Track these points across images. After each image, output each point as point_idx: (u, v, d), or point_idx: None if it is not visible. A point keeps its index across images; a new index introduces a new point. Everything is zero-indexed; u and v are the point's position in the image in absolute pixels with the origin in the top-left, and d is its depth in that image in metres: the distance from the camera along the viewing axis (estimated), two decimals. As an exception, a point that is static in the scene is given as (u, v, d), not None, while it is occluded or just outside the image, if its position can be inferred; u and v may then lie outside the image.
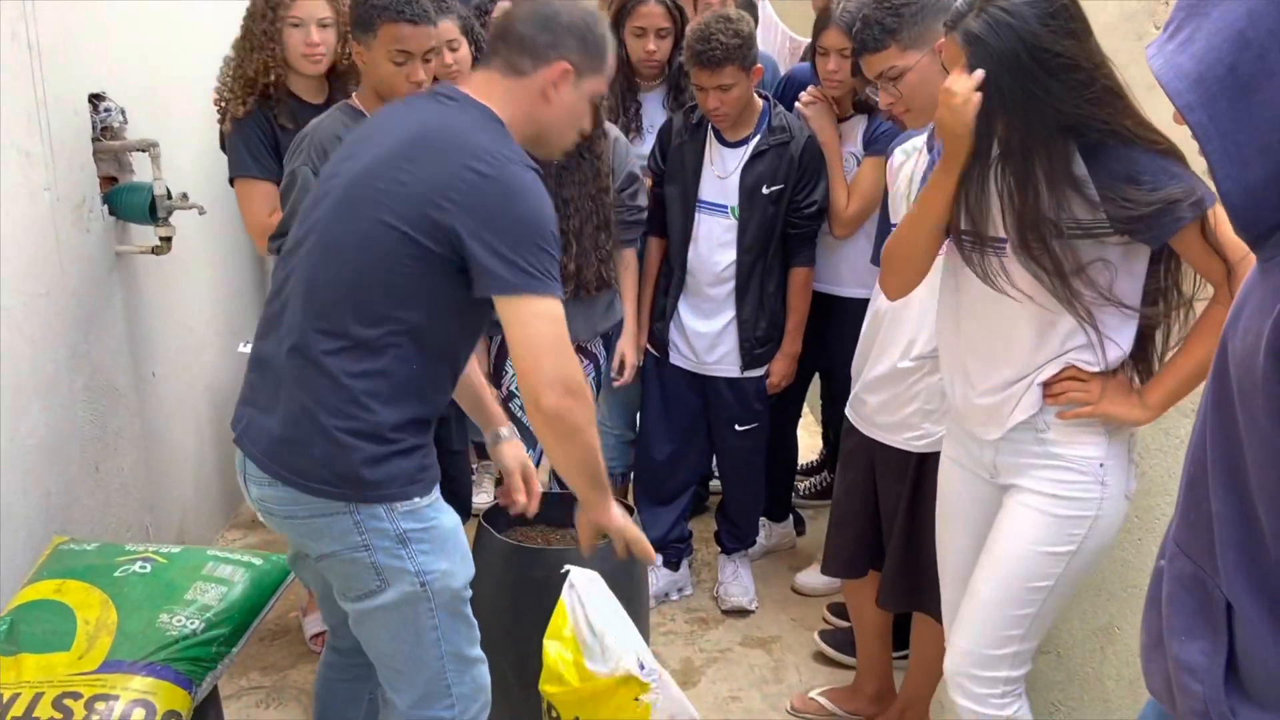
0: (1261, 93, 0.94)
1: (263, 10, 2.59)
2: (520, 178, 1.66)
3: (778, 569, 3.45)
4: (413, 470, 1.74)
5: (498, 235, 1.62)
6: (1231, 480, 1.06)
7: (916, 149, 2.26)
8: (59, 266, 2.51)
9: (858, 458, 2.46)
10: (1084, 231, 1.69)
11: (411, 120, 1.75)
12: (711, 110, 2.80)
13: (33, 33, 2.41)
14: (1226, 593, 1.07)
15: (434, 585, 1.76)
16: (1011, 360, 1.83)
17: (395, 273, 1.66)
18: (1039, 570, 1.84)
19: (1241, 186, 0.97)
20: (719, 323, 2.97)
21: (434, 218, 1.63)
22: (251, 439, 1.75)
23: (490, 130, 1.71)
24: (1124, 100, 1.67)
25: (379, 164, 1.69)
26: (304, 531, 1.75)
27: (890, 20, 2.05)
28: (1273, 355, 0.95)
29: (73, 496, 2.57)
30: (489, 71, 1.78)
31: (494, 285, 1.64)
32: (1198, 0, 0.99)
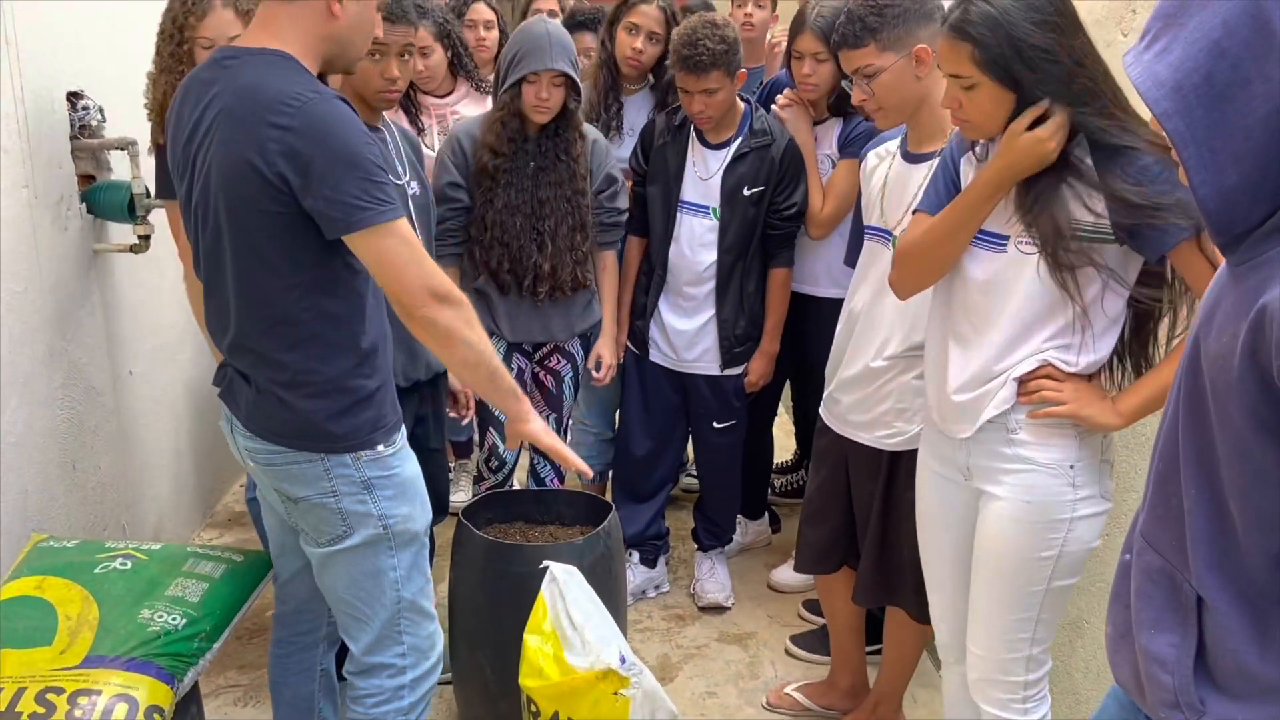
0: (1236, 101, 0.98)
1: (170, 31, 2.44)
2: (319, 115, 1.64)
3: (753, 566, 3.49)
4: (374, 419, 1.84)
5: (319, 181, 1.63)
6: (1204, 477, 1.09)
7: (890, 153, 2.29)
8: (37, 264, 2.51)
9: (830, 456, 2.49)
10: (1086, 233, 1.72)
11: (214, 100, 1.72)
12: (696, 114, 2.83)
13: (10, 30, 2.41)
14: (1196, 586, 1.10)
15: (395, 528, 1.88)
16: (990, 354, 1.86)
17: (267, 247, 1.71)
18: (1027, 575, 1.86)
19: (1216, 191, 1.01)
20: (699, 321, 3.01)
21: (268, 182, 1.65)
22: (234, 396, 1.87)
23: (277, 72, 1.68)
24: (1104, 100, 1.70)
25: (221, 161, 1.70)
26: (281, 476, 1.85)
27: (872, 19, 2.09)
28: (1248, 356, 0.98)
29: (50, 495, 2.57)
30: (267, 3, 1.74)
31: (333, 228, 1.67)
32: (1174, 11, 1.02)
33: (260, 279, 1.74)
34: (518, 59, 2.69)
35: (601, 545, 2.49)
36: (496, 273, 2.80)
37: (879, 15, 2.08)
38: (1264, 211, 1.00)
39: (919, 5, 2.09)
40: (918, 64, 2.09)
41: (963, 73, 1.74)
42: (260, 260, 1.72)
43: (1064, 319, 1.79)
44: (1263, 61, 0.96)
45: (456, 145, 2.80)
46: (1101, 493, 1.87)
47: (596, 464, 3.56)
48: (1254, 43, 0.96)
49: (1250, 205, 1.00)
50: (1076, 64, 1.69)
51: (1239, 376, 0.99)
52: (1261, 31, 0.96)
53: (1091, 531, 1.87)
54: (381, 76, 2.29)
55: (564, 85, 2.71)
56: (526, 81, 2.68)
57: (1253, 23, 0.96)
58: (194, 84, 1.78)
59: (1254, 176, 0.99)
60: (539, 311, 2.88)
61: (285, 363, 1.77)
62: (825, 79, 2.84)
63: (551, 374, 3.02)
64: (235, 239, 1.73)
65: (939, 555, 2.09)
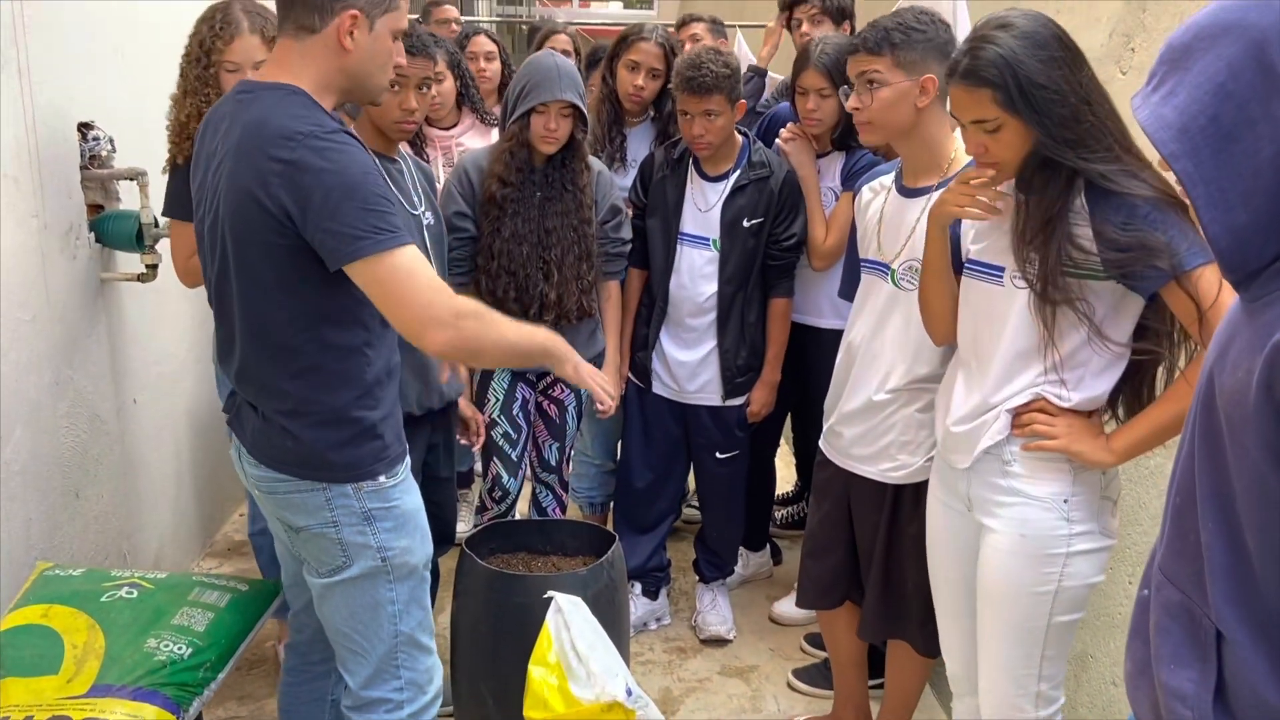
0: (1243, 142, 1.00)
1: (197, 55, 2.50)
2: (319, 149, 1.65)
3: (755, 598, 3.48)
4: (376, 450, 1.85)
5: (317, 213, 1.65)
6: (1221, 511, 1.09)
7: (885, 186, 2.32)
8: (45, 293, 2.52)
9: (832, 489, 2.48)
10: (1077, 270, 1.75)
11: (227, 133, 1.75)
12: (695, 137, 2.86)
13: (24, 60, 2.44)
14: (1216, 621, 1.09)
15: (394, 560, 1.88)
16: (988, 385, 1.88)
17: (270, 278, 1.73)
18: (1026, 611, 1.87)
19: (1227, 230, 1.03)
20: (700, 352, 3.02)
21: (270, 214, 1.67)
22: (241, 424, 1.89)
23: (284, 107, 1.70)
24: (1110, 140, 1.72)
25: (228, 192, 1.72)
26: (283, 505, 1.86)
27: (897, 34, 2.12)
28: (1264, 390, 0.99)
29: (53, 523, 2.56)
30: (283, 39, 1.77)
31: (333, 259, 1.67)
32: (1179, 54, 1.04)
33: (263, 309, 1.76)
34: (527, 90, 2.73)
35: (605, 576, 2.49)
36: (502, 301, 2.82)
37: (904, 33, 2.12)
38: (1276, 249, 1.02)
39: (942, 43, 2.13)
40: (921, 92, 2.12)
41: (986, 116, 1.76)
42: (264, 291, 1.74)
43: (1055, 354, 1.81)
44: (1267, 103, 0.98)
45: (464, 176, 2.83)
46: (1101, 529, 1.87)
47: (598, 495, 3.56)
48: (1258, 85, 0.99)
49: (1263, 243, 1.02)
50: (1084, 101, 1.71)
51: (1254, 411, 1.00)
52: (1266, 74, 0.98)
53: (1091, 567, 1.86)
54: (400, 108, 2.33)
55: (571, 116, 2.75)
56: (535, 112, 2.72)
57: (1256, 65, 0.98)
58: (214, 116, 1.82)
59: (1264, 215, 1.01)
60: (543, 340, 2.90)
61: (288, 392, 1.79)
62: (829, 114, 2.87)
63: (555, 403, 3.03)
64: (240, 269, 1.75)
65: (948, 585, 2.09)
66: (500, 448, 2.94)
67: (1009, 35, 1.73)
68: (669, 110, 3.22)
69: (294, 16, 1.74)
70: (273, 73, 1.77)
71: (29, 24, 2.44)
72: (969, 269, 1.97)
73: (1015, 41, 1.72)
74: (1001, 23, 1.76)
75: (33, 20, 2.45)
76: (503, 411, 2.93)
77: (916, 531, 2.26)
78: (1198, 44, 1.03)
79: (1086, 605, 1.92)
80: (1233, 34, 1.00)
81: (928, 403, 2.23)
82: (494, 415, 2.92)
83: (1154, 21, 2.40)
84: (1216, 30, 1.01)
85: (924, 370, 2.23)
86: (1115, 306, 1.79)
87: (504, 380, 2.94)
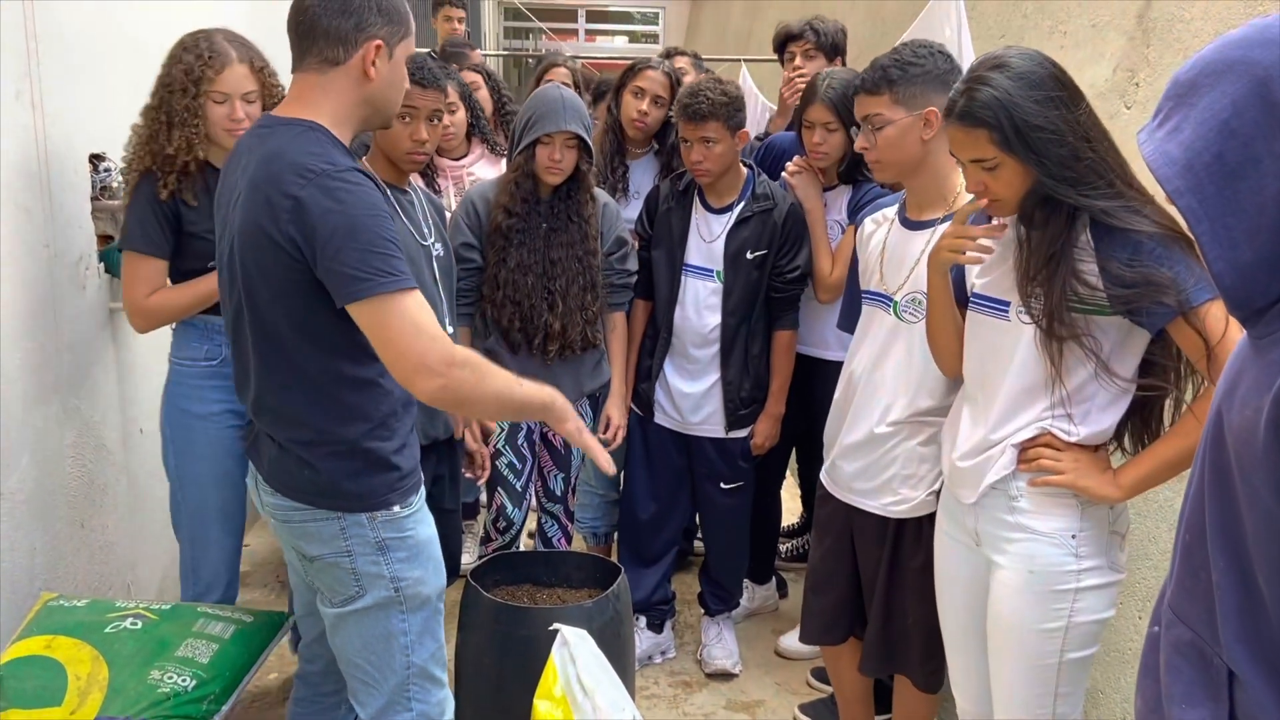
0: (1248, 179, 1.00)
1: (183, 85, 2.40)
2: (328, 187, 1.67)
3: (760, 632, 3.46)
4: (391, 480, 1.86)
5: (322, 251, 1.66)
6: (1231, 549, 1.08)
7: (888, 219, 2.33)
8: (54, 322, 2.53)
9: (834, 524, 2.46)
10: (1083, 305, 1.75)
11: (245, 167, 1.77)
12: (694, 164, 2.88)
13: (37, 94, 2.46)
14: (1227, 660, 1.08)
15: (407, 591, 1.89)
16: (993, 419, 1.88)
17: (285, 310, 1.74)
18: (1039, 649, 1.85)
19: (1232, 267, 1.03)
20: (704, 384, 3.02)
21: (282, 249, 1.69)
22: (259, 454, 1.90)
23: (299, 142, 1.72)
24: (1111, 176, 1.72)
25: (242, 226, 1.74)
26: (299, 534, 1.87)
27: (894, 71, 2.14)
28: (1273, 429, 0.99)
29: (58, 553, 2.56)
30: (304, 74, 1.78)
31: (338, 297, 1.68)
32: (1184, 91, 1.05)
33: (279, 341, 1.77)
34: (532, 122, 2.75)
35: (611, 608, 2.47)
36: (507, 331, 2.83)
37: (901, 69, 2.14)
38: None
39: (941, 74, 2.14)
40: (925, 125, 2.14)
41: (984, 155, 1.78)
42: (279, 323, 1.76)
43: (1062, 389, 1.81)
44: (1272, 140, 0.99)
45: (470, 207, 2.85)
46: (1110, 564, 1.86)
47: (601, 526, 3.55)
48: (1263, 122, 0.99)
49: (1268, 280, 1.02)
50: (1082, 139, 1.72)
51: (1264, 451, 0.99)
52: (1271, 111, 0.99)
53: (1101, 602, 1.85)
54: (411, 139, 2.35)
55: (576, 148, 2.77)
56: (540, 143, 2.74)
57: (1261, 103, 0.99)
58: (238, 150, 1.83)
59: (1269, 252, 1.01)
60: (548, 371, 2.90)
61: (304, 422, 1.80)
62: (835, 148, 2.89)
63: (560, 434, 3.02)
64: (255, 302, 1.76)
65: (956, 620, 2.08)
66: (505, 478, 2.94)
67: (1003, 76, 1.74)
68: (672, 142, 3.25)
69: (316, 50, 1.76)
70: (293, 109, 1.79)
71: (42, 57, 2.47)
72: (974, 304, 1.98)
73: (1010, 82, 1.73)
74: (997, 63, 1.77)
75: (46, 53, 2.48)
76: (507, 442, 2.93)
77: (919, 566, 2.24)
78: (1203, 80, 1.03)
79: (1099, 641, 1.90)
80: (1237, 71, 1.01)
81: (929, 436, 2.22)
82: (499, 446, 2.92)
83: (1157, 57, 2.42)
84: (1221, 67, 1.02)
85: (926, 403, 2.22)
86: (1122, 341, 1.79)
87: (510, 412, 2.94)
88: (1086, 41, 3.11)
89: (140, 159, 2.44)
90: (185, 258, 2.49)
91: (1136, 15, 2.83)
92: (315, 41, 1.75)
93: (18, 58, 2.39)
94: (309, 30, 1.75)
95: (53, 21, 2.52)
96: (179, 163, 2.41)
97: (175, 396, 2.55)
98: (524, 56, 12.44)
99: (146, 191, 2.43)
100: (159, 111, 2.42)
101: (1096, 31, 3.06)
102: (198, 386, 2.54)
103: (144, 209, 2.42)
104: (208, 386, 2.54)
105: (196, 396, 2.53)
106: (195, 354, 2.54)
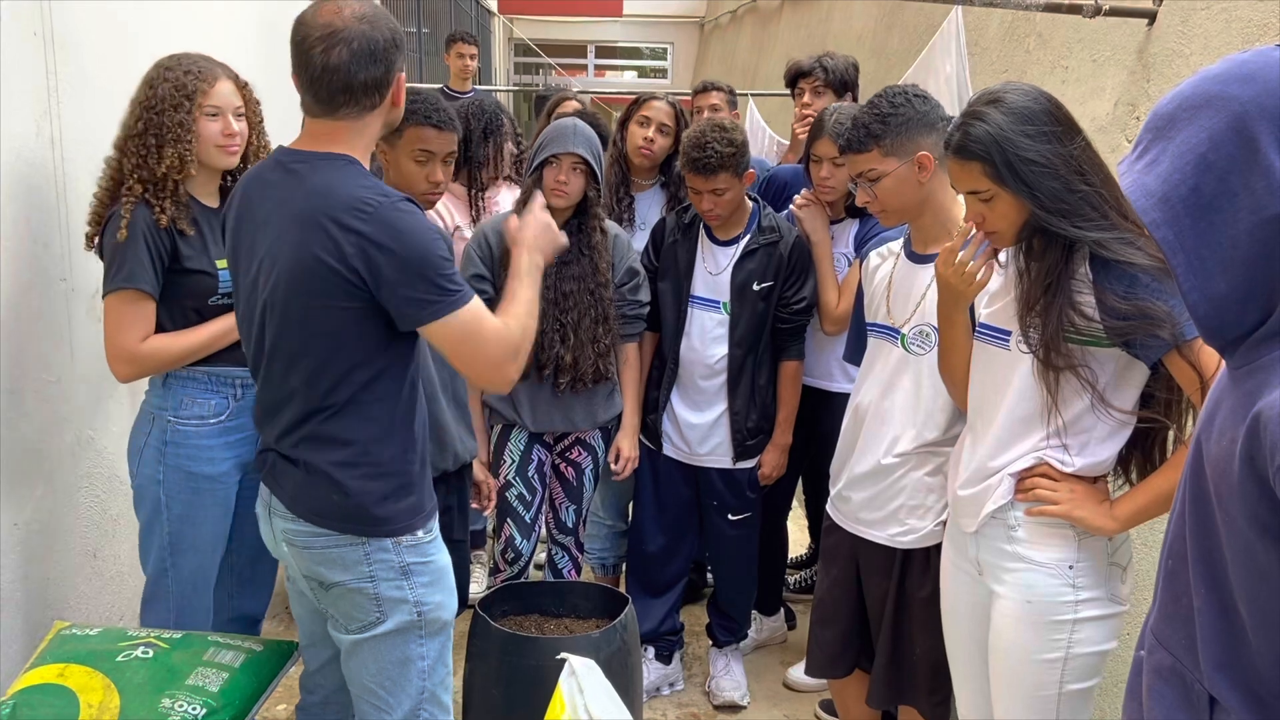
0: (1223, 212, 1.02)
1: (175, 101, 2.32)
2: (390, 220, 1.75)
3: (769, 663, 3.45)
4: (416, 504, 1.91)
5: (392, 281, 1.75)
6: (1211, 577, 1.09)
7: (894, 252, 2.36)
8: (70, 355, 2.57)
9: (840, 554, 2.46)
10: (1080, 336, 1.77)
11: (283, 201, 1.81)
12: (705, 211, 2.92)
13: (56, 129, 2.51)
14: (1208, 686, 1.10)
15: (428, 615, 1.92)
16: (991, 448, 1.89)
17: (340, 335, 1.80)
18: (1039, 679, 1.85)
19: (1205, 297, 1.05)
20: (711, 415, 3.04)
21: (344, 279, 1.75)
22: (277, 480, 1.91)
23: (346, 177, 1.79)
24: (1106, 208, 1.74)
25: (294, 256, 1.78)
26: (320, 560, 1.88)
27: (876, 126, 2.17)
28: (1246, 461, 1.00)
29: (70, 583, 2.58)
30: (334, 121, 1.82)
31: (405, 321, 1.79)
32: (1164, 124, 1.08)
33: (331, 365, 1.81)
34: (541, 146, 2.82)
35: (618, 639, 2.48)
36: (518, 362, 2.86)
37: (883, 122, 2.16)
38: (1255, 317, 1.04)
39: (922, 115, 2.17)
40: (920, 169, 2.16)
41: (979, 188, 1.81)
42: (332, 347, 1.80)
43: (1058, 420, 1.82)
44: (1247, 175, 1.01)
45: (482, 239, 2.89)
46: (1110, 595, 1.86)
47: (610, 557, 3.56)
48: (1239, 157, 1.01)
49: (1240, 312, 1.04)
50: (1076, 172, 1.74)
51: (1239, 480, 1.01)
52: (1246, 146, 1.01)
53: (1101, 634, 1.85)
54: (427, 180, 2.39)
55: (584, 173, 2.81)
56: (547, 165, 2.78)
57: (1237, 138, 1.01)
58: (255, 183, 1.88)
59: (1241, 285, 1.03)
60: (560, 401, 2.93)
61: (348, 441, 1.83)
62: (843, 181, 2.92)
63: (571, 465, 3.05)
64: (307, 329, 1.80)
65: (963, 650, 2.08)
66: (514, 509, 2.96)
67: (998, 111, 1.78)
68: (677, 173, 3.29)
69: (353, 103, 1.81)
70: (320, 143, 1.84)
71: (63, 94, 2.52)
72: (979, 333, 2.00)
73: (1004, 117, 1.77)
74: (992, 98, 1.81)
75: (66, 92, 2.54)
76: (518, 473, 2.95)
77: (925, 597, 2.25)
78: (1181, 114, 1.06)
79: (1101, 673, 1.90)
80: (1215, 105, 1.03)
81: (936, 466, 2.24)
82: (509, 477, 2.94)
83: (1157, 91, 2.45)
84: (1200, 101, 1.04)
85: (933, 434, 2.24)
86: (1120, 374, 1.81)
87: (520, 441, 2.96)
88: (1088, 77, 3.15)
89: (131, 189, 2.30)
90: (184, 295, 2.36)
91: (1136, 51, 2.88)
92: (353, 95, 1.80)
93: (39, 96, 2.45)
94: (344, 87, 1.78)
95: (73, 60, 2.57)
96: (170, 184, 2.32)
97: (178, 459, 2.36)
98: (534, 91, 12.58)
99: (143, 223, 2.29)
100: (145, 135, 2.32)
101: (1098, 67, 3.11)
102: (207, 447, 2.38)
103: (139, 244, 2.28)
104: (219, 445, 2.39)
105: (206, 458, 2.38)
106: (203, 411, 2.38)
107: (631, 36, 16.39)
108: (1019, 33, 3.75)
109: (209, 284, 2.38)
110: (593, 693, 2.14)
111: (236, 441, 2.43)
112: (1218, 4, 2.56)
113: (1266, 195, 1.00)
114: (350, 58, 1.76)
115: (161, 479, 2.36)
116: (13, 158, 2.36)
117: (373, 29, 1.78)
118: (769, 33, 9.69)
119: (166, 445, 2.36)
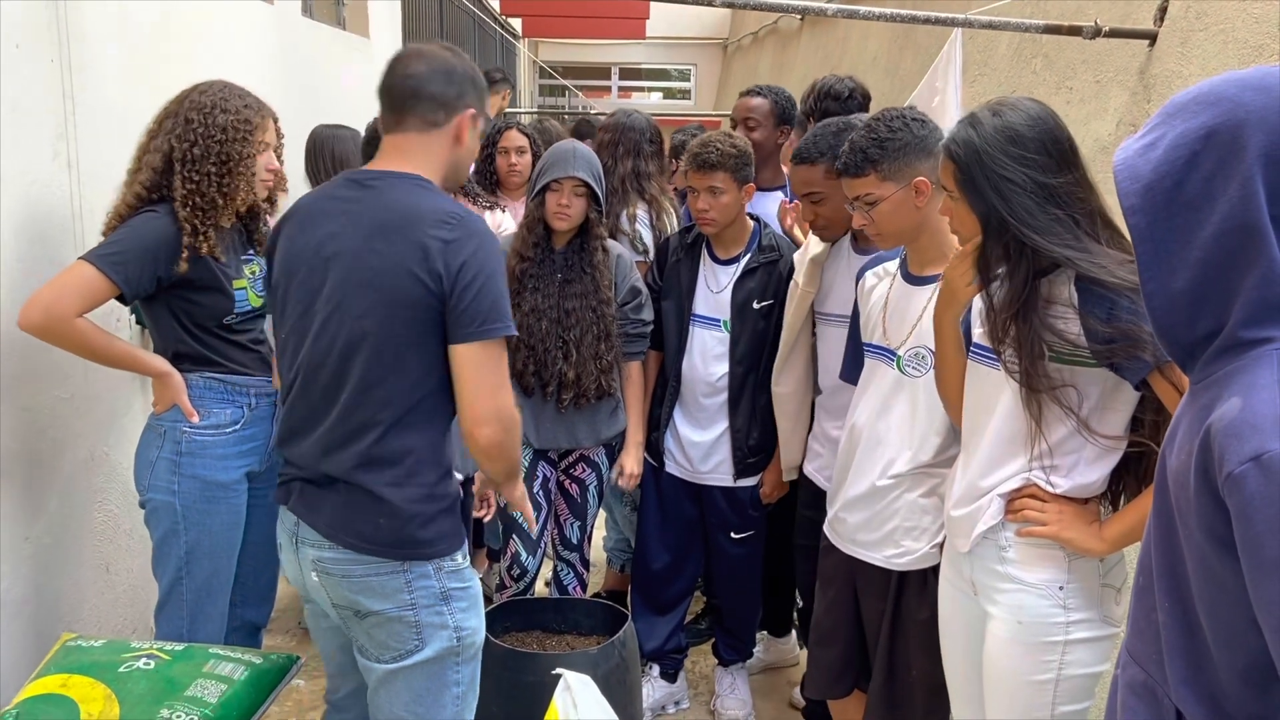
0: (1199, 212, 1.04)
1: (240, 132, 2.37)
2: (476, 231, 1.84)
3: (777, 684, 3.45)
4: (453, 527, 1.92)
5: (465, 287, 1.79)
6: (1175, 591, 1.10)
7: (890, 273, 2.36)
8: (84, 372, 2.63)
9: (837, 576, 2.46)
10: (1064, 357, 1.77)
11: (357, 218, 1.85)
12: (700, 212, 2.93)
13: (72, 153, 2.58)
14: (1175, 700, 1.11)
15: (466, 640, 1.93)
16: (981, 468, 1.90)
17: (412, 348, 1.83)
18: (1030, 701, 1.84)
19: (1162, 288, 1.06)
20: (713, 432, 3.05)
21: (427, 287, 1.79)
22: (309, 507, 1.90)
23: (426, 193, 1.88)
24: (1079, 232, 1.74)
25: (377, 268, 1.81)
26: (359, 589, 1.87)
27: (874, 150, 2.18)
28: (1201, 473, 1.02)
29: (82, 596, 2.63)
30: (403, 134, 1.92)
31: (461, 329, 1.81)
32: (1173, 111, 1.09)
33: (396, 378, 1.84)
34: (543, 170, 2.86)
35: (616, 655, 2.49)
36: (521, 374, 2.89)
37: (880, 147, 2.18)
38: (1206, 325, 1.05)
39: (920, 140, 2.18)
40: (917, 194, 2.17)
41: (949, 186, 1.84)
42: (400, 361, 1.83)
43: (1043, 443, 1.82)
44: (1229, 181, 1.03)
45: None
46: (1102, 617, 1.85)
47: (616, 562, 3.59)
48: (1228, 161, 1.03)
49: (1191, 313, 1.05)
50: (1050, 200, 1.74)
51: (1195, 493, 1.02)
52: (1237, 154, 1.02)
53: (1093, 655, 1.84)
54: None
55: (585, 196, 2.85)
56: (549, 189, 2.83)
57: (1232, 143, 1.03)
58: (327, 201, 1.92)
59: (1197, 286, 1.04)
60: (564, 417, 2.96)
61: (399, 460, 1.84)
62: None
63: (576, 482, 3.07)
64: (378, 341, 1.82)
65: (960, 669, 2.07)
66: (520, 525, 2.98)
67: (992, 124, 1.78)
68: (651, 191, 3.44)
69: (419, 112, 1.90)
70: (394, 163, 1.91)
71: (78, 119, 2.59)
72: (973, 352, 2.00)
73: (993, 132, 1.77)
74: (996, 109, 1.81)
75: (81, 115, 2.61)
76: (522, 489, 2.97)
77: (923, 619, 2.24)
78: (1192, 105, 1.07)
79: (1094, 695, 1.89)
80: (1222, 106, 1.04)
81: (931, 488, 2.23)
82: (503, 504, 2.96)
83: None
84: (1211, 99, 1.06)
85: (929, 456, 2.23)
86: (1108, 395, 1.80)
87: (525, 458, 2.99)
88: (1091, 97, 3.16)
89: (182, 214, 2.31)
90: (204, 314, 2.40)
91: (1138, 71, 2.89)
92: (420, 103, 1.89)
93: (55, 119, 2.52)
94: (414, 93, 1.89)
95: (89, 84, 2.65)
96: (224, 213, 2.36)
97: (193, 468, 2.40)
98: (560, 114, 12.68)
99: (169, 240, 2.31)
100: (203, 161, 2.33)
101: (1101, 87, 3.12)
102: (222, 455, 2.44)
103: (149, 252, 2.28)
104: (234, 454, 2.46)
105: (221, 466, 2.43)
106: (220, 420, 2.44)
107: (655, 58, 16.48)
108: (1026, 54, 3.77)
109: (224, 304, 2.43)
110: (586, 708, 2.16)
111: (248, 450, 2.49)
112: (1216, 26, 2.57)
113: (1240, 204, 1.02)
114: (426, 70, 1.89)
115: (177, 489, 2.41)
116: (28, 180, 2.42)
117: (455, 57, 1.93)
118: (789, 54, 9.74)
119: (181, 456, 2.40)
